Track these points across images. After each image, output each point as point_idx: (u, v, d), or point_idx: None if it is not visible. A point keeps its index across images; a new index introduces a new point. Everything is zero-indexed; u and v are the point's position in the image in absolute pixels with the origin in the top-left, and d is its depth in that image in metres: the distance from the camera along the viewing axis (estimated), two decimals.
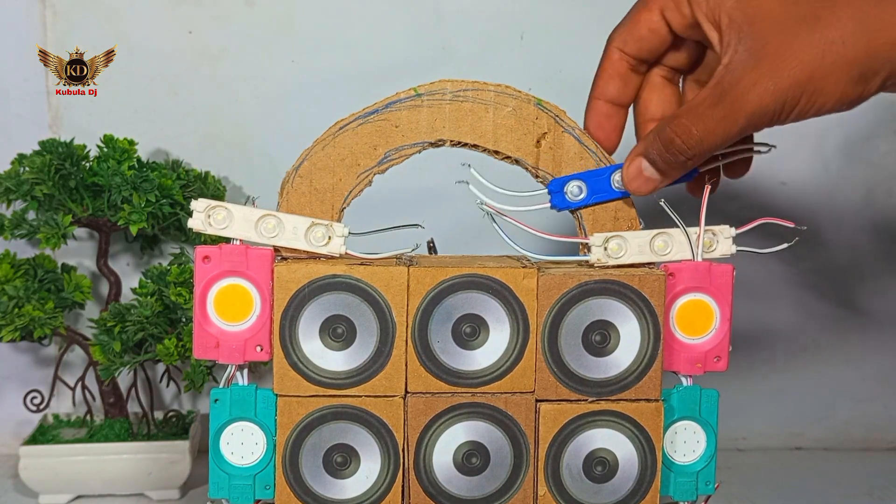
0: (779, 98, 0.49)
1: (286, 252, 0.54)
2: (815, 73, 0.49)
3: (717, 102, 0.50)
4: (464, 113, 0.55)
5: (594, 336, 0.54)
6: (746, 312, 1.05)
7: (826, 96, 0.49)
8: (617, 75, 0.56)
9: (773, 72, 0.49)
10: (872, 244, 1.07)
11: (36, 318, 0.84)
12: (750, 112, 0.50)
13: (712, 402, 0.57)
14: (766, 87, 0.49)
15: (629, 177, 0.55)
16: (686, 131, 0.51)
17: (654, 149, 0.53)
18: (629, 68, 0.57)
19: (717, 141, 0.51)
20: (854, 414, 1.10)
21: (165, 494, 0.90)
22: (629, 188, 0.55)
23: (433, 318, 0.53)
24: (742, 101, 0.49)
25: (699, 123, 0.51)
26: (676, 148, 0.52)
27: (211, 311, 0.53)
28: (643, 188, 0.55)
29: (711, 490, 0.57)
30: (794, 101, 0.49)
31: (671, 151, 0.52)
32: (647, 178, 0.54)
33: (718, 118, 0.50)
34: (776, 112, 0.50)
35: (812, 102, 0.49)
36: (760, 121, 0.50)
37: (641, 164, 0.54)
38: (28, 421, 0.96)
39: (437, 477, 0.54)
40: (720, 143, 0.51)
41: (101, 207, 0.86)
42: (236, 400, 0.53)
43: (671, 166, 0.53)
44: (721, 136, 0.51)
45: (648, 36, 0.55)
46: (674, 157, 0.52)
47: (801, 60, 0.49)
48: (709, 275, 0.55)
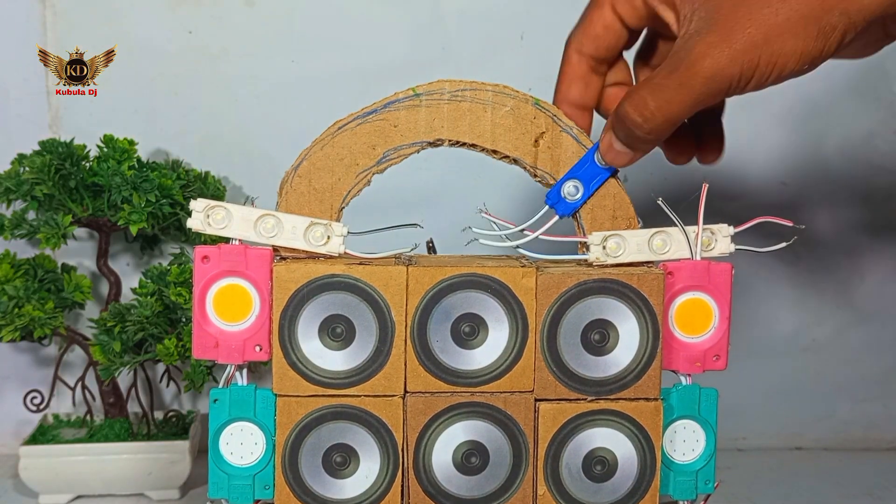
0: (735, 60, 0.48)
1: (285, 252, 0.54)
2: (771, 33, 0.48)
3: (672, 71, 0.50)
4: (462, 113, 0.55)
5: (593, 335, 0.54)
6: (746, 311, 1.05)
7: (786, 56, 0.49)
8: (578, 78, 0.56)
9: (728, 35, 0.48)
10: (872, 244, 1.07)
11: (36, 318, 0.84)
12: (706, 76, 0.49)
13: (711, 401, 0.57)
14: (722, 51, 0.48)
15: (603, 150, 0.54)
16: (642, 103, 0.51)
17: (617, 124, 0.53)
18: (589, 69, 0.56)
19: (675, 110, 0.50)
20: (854, 414, 1.10)
21: (165, 494, 0.90)
22: (606, 160, 0.55)
23: (432, 318, 0.53)
24: (697, 67, 0.49)
25: (655, 94, 0.50)
26: (632, 122, 0.51)
27: (210, 311, 0.53)
28: (618, 160, 0.54)
29: (711, 489, 0.57)
30: (752, 64, 0.49)
31: (628, 126, 0.52)
32: (618, 152, 0.54)
33: (674, 86, 0.50)
34: (735, 76, 0.49)
35: (772, 63, 0.49)
36: (719, 87, 0.49)
37: (611, 138, 0.54)
38: (28, 421, 0.96)
39: (436, 476, 0.54)
40: (678, 111, 0.51)
41: (101, 207, 0.86)
42: (235, 400, 0.53)
43: (635, 140, 0.53)
44: (678, 104, 0.50)
45: (603, 34, 0.55)
46: (632, 131, 0.52)
47: (756, 21, 0.48)
48: (707, 273, 0.55)
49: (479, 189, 1.00)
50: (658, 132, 0.52)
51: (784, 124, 1.04)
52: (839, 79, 1.04)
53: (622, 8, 0.54)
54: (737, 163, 1.04)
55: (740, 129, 1.03)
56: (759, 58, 0.48)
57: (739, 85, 0.49)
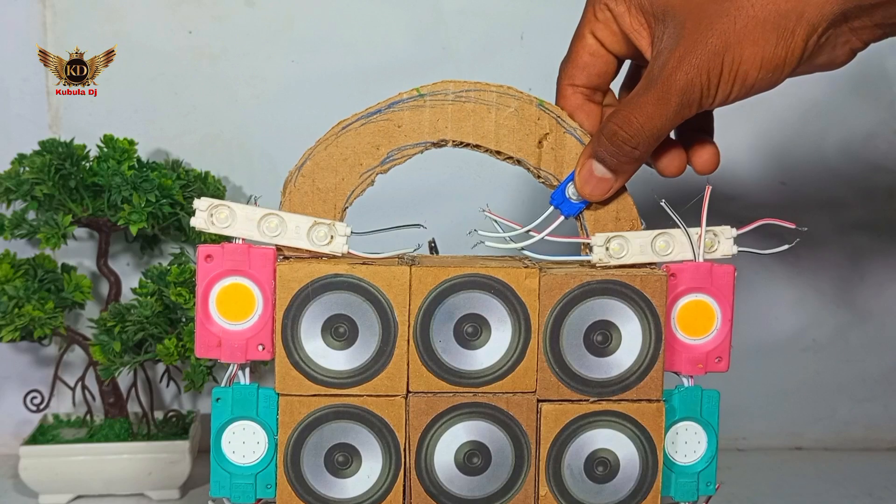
0: (702, 70, 0.50)
1: (288, 251, 0.54)
2: (730, 40, 0.49)
3: (649, 88, 0.51)
4: (466, 113, 0.55)
5: (596, 336, 0.54)
6: (746, 312, 1.05)
7: (747, 63, 0.49)
8: (577, 110, 0.57)
9: (694, 46, 0.49)
10: (872, 244, 1.07)
11: (36, 318, 0.84)
12: (680, 89, 0.50)
13: (713, 403, 0.57)
14: (690, 62, 0.50)
15: (582, 181, 0.55)
16: (626, 120, 0.52)
17: (601, 145, 0.53)
18: (585, 100, 0.57)
19: (658, 124, 0.52)
20: (854, 414, 1.10)
21: (165, 494, 0.90)
22: (583, 193, 0.55)
23: (435, 318, 0.53)
24: (670, 81, 0.50)
25: (637, 111, 0.52)
26: (621, 139, 0.52)
27: (213, 310, 0.53)
28: (597, 191, 0.55)
29: (712, 490, 0.57)
30: (716, 72, 0.50)
31: (617, 143, 0.53)
32: (600, 180, 0.54)
33: (653, 102, 0.51)
34: (703, 85, 0.50)
35: (734, 71, 0.50)
36: (692, 97, 0.50)
37: (592, 165, 0.54)
38: (28, 421, 0.96)
39: (438, 477, 0.54)
40: (660, 126, 0.52)
41: (101, 207, 0.86)
42: (238, 399, 0.53)
43: (621, 160, 0.53)
44: (660, 119, 0.51)
45: (591, 62, 0.57)
46: (620, 148, 0.53)
47: (717, 31, 0.49)
48: (710, 275, 0.55)
49: (482, 189, 1.00)
50: (645, 146, 0.53)
51: (784, 124, 1.04)
52: (839, 79, 1.04)
53: (602, 34, 0.56)
54: (737, 163, 1.04)
55: (741, 130, 1.03)
56: (722, 66, 0.50)
57: (710, 94, 0.51)
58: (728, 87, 0.50)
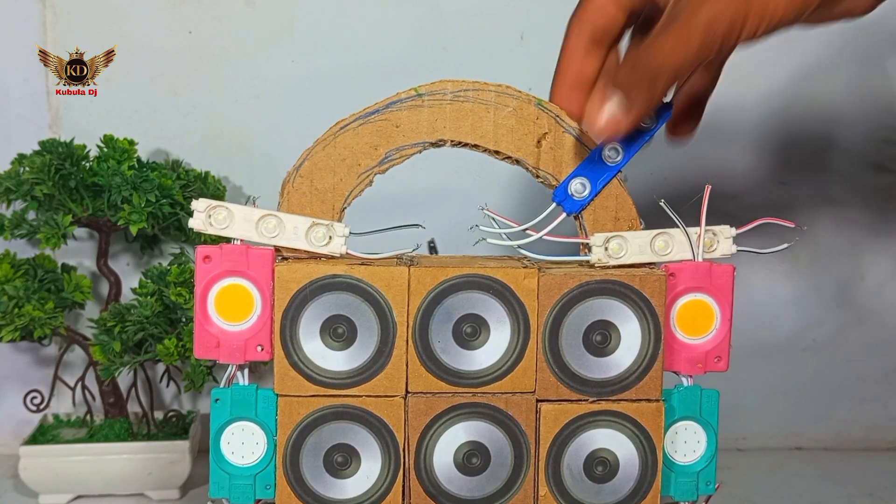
0: (726, 12, 0.49)
1: (287, 252, 0.54)
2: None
3: (670, 23, 0.50)
4: (464, 113, 0.55)
5: (595, 336, 0.54)
6: (746, 312, 1.05)
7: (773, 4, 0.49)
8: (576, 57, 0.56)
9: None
10: (872, 244, 1.07)
11: (36, 318, 0.84)
12: (703, 27, 0.49)
13: (713, 402, 0.57)
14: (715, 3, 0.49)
15: (591, 115, 0.53)
16: (648, 53, 0.51)
17: (620, 77, 0.52)
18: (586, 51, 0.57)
19: (678, 60, 0.50)
20: (854, 414, 1.10)
21: (165, 494, 0.90)
22: (594, 130, 0.53)
23: (434, 318, 0.53)
24: (694, 17, 0.49)
25: (658, 45, 0.50)
26: (641, 71, 0.51)
27: (211, 311, 0.53)
28: (609, 128, 0.53)
29: (712, 490, 0.57)
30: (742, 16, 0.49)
31: (637, 74, 0.51)
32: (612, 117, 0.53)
33: (674, 39, 0.50)
34: (726, 28, 0.49)
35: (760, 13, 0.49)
36: (714, 38, 0.49)
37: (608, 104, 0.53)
38: (28, 421, 0.96)
39: (437, 477, 0.54)
40: (681, 61, 0.50)
41: (101, 207, 0.86)
42: (237, 400, 0.53)
43: (639, 93, 0.52)
44: (681, 54, 0.50)
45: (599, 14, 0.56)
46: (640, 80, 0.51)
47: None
48: (709, 275, 0.55)
49: (481, 190, 1.00)
50: (664, 82, 0.52)
51: (784, 124, 1.04)
52: (839, 78, 1.04)
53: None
54: (737, 162, 1.04)
55: (740, 129, 1.03)
56: (749, 8, 0.49)
57: (732, 36, 0.50)
58: (755, 24, 0.50)
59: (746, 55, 1.02)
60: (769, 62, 1.02)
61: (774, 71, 1.03)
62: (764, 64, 1.02)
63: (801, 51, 1.02)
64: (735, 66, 1.02)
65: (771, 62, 1.02)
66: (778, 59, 1.02)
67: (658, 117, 0.55)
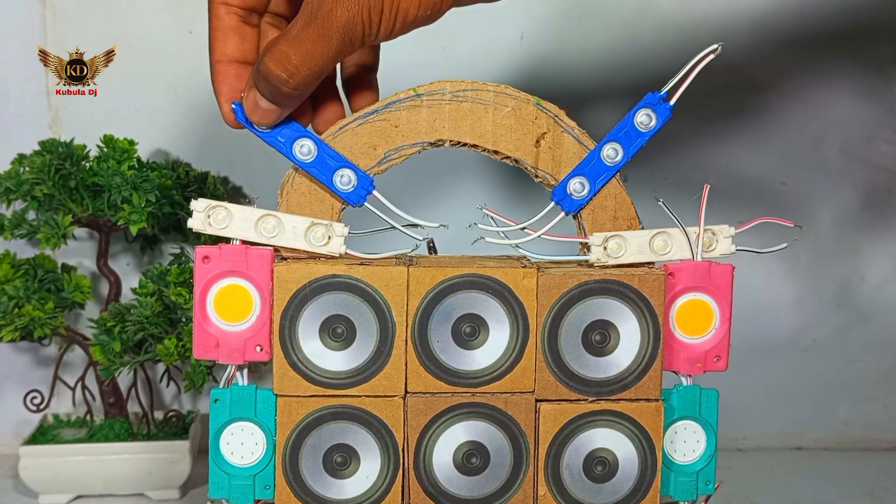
0: (363, 8, 0.48)
1: (286, 252, 0.54)
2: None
3: (309, 23, 0.49)
4: (463, 113, 0.55)
5: (594, 336, 0.54)
6: (746, 311, 1.05)
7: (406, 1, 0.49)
8: (231, 31, 0.54)
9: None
10: (872, 244, 1.07)
11: (36, 318, 0.84)
12: (341, 26, 0.49)
13: (712, 402, 0.57)
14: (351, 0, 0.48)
15: (249, 110, 0.52)
16: (284, 57, 0.50)
17: (260, 82, 0.51)
18: (240, 21, 0.55)
19: (319, 62, 0.50)
20: (854, 414, 1.10)
21: (165, 494, 0.90)
22: (252, 120, 0.53)
23: (433, 318, 0.53)
24: (331, 17, 0.49)
25: (295, 47, 0.49)
26: (277, 77, 0.50)
27: (211, 311, 0.53)
28: (265, 119, 0.52)
29: (711, 490, 0.57)
30: (378, 10, 0.49)
31: (273, 83, 0.50)
32: (266, 110, 0.52)
33: (313, 38, 0.49)
34: (365, 23, 0.49)
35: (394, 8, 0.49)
36: (354, 35, 0.49)
37: (255, 96, 0.52)
38: (28, 421, 0.96)
39: (437, 477, 0.54)
40: (322, 64, 0.50)
41: (101, 207, 0.86)
42: (236, 400, 0.53)
43: (281, 97, 0.51)
44: (321, 56, 0.49)
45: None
46: (278, 88, 0.50)
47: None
48: (708, 274, 0.55)
49: (480, 189, 1.00)
50: (304, 86, 0.51)
51: (784, 124, 1.04)
52: (839, 79, 1.04)
53: None
54: (737, 162, 1.04)
55: (740, 129, 1.03)
56: (383, 3, 0.49)
57: (371, 31, 0.49)
58: (389, 24, 0.49)
59: (746, 55, 1.02)
60: (769, 63, 1.02)
61: (775, 71, 1.03)
62: (764, 64, 1.02)
63: (802, 51, 1.02)
64: (736, 66, 1.02)
65: (771, 63, 1.02)
66: (778, 60, 1.02)
67: (659, 117, 0.55)
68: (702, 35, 1.00)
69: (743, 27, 1.01)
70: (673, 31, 1.00)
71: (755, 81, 1.03)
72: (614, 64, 1.01)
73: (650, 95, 0.55)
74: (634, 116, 0.55)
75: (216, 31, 0.55)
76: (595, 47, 1.00)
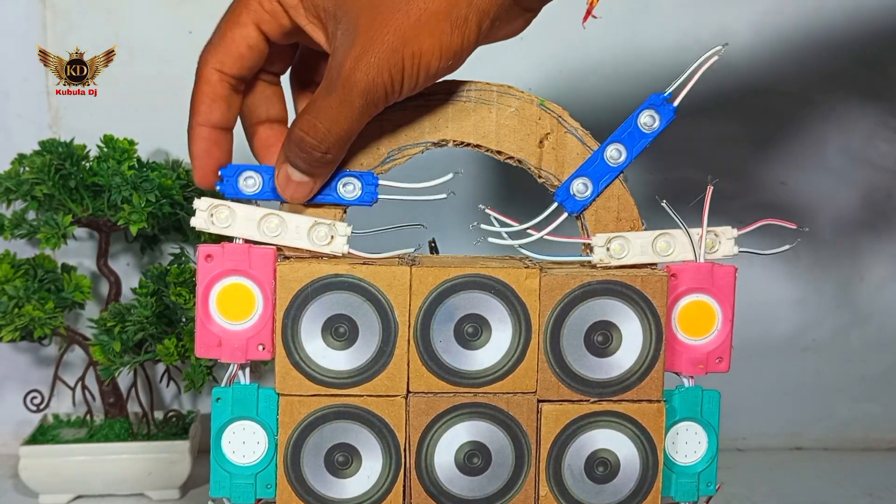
0: (382, 69, 0.48)
1: (289, 251, 0.54)
2: (408, 35, 0.48)
3: (330, 91, 0.49)
4: (467, 113, 0.55)
5: (596, 336, 0.54)
6: (746, 312, 1.05)
7: (427, 54, 0.49)
8: (220, 99, 0.54)
9: (370, 45, 0.48)
10: (872, 244, 1.07)
11: (36, 318, 0.84)
12: (362, 90, 0.49)
13: (714, 403, 0.57)
14: (369, 63, 0.48)
15: (282, 187, 0.53)
16: (312, 126, 0.50)
17: (291, 152, 0.51)
18: (231, 89, 0.54)
19: (345, 127, 0.50)
20: (854, 414, 1.10)
21: (165, 494, 0.90)
22: (285, 197, 0.53)
23: (435, 318, 0.53)
24: (351, 83, 0.49)
25: (321, 115, 0.50)
26: (309, 145, 0.50)
27: (213, 310, 0.53)
28: (298, 194, 0.53)
29: (713, 491, 0.57)
30: (399, 68, 0.49)
31: (306, 150, 0.51)
32: (299, 184, 0.52)
33: (336, 105, 0.49)
34: (387, 84, 0.49)
35: (416, 64, 0.49)
36: (376, 96, 0.49)
37: (288, 170, 0.52)
38: (28, 421, 0.96)
39: (438, 477, 0.54)
40: (348, 128, 0.50)
41: (101, 207, 0.86)
42: (238, 399, 0.53)
43: (314, 165, 0.52)
44: (346, 121, 0.50)
45: (248, 53, 0.53)
46: (310, 154, 0.51)
47: (392, 27, 0.48)
48: (711, 276, 0.55)
49: (483, 190, 1.00)
50: (336, 151, 0.51)
51: (784, 124, 1.04)
52: (839, 79, 1.04)
53: (269, 27, 0.53)
54: (736, 162, 1.04)
55: (741, 129, 1.03)
56: (403, 61, 0.49)
57: (395, 90, 0.50)
58: (413, 80, 0.50)
59: (746, 56, 1.02)
60: (769, 63, 1.02)
61: (775, 71, 1.03)
62: (764, 64, 1.02)
63: (802, 51, 1.02)
64: (736, 67, 1.02)
65: (771, 63, 1.02)
66: (778, 60, 1.02)
67: (662, 118, 0.55)
68: (703, 35, 1.00)
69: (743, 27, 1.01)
70: (674, 32, 1.00)
71: (756, 82, 1.03)
72: (617, 64, 1.01)
73: (654, 96, 0.55)
74: (638, 117, 0.55)
75: (204, 97, 0.54)
76: (596, 46, 1.00)
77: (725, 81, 1.01)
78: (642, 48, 1.00)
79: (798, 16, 1.02)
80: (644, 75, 0.99)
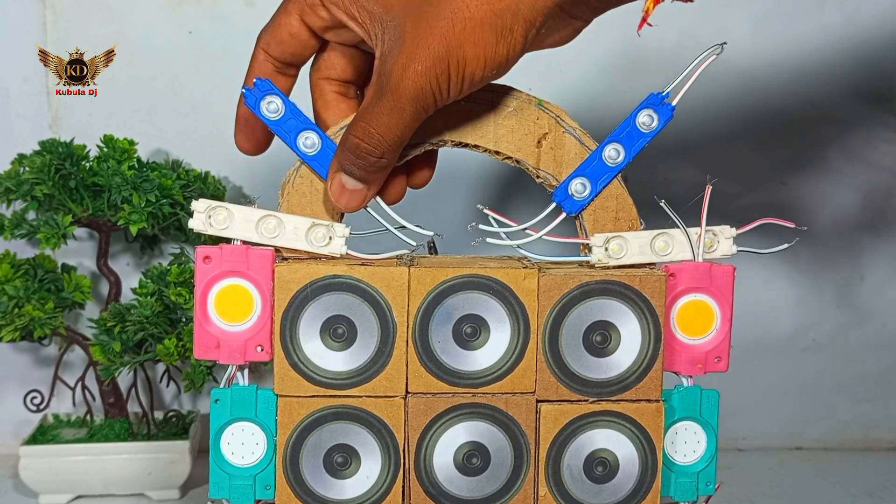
0: (430, 76, 0.49)
1: (287, 252, 0.54)
2: (452, 43, 0.48)
3: (381, 96, 0.50)
4: (465, 113, 0.55)
5: (595, 336, 0.54)
6: (746, 311, 1.05)
7: (472, 63, 0.49)
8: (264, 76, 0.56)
9: (417, 51, 0.49)
10: (872, 244, 1.07)
11: (36, 318, 0.84)
12: (411, 97, 0.49)
13: (713, 403, 0.57)
14: (416, 70, 0.49)
15: (335, 196, 0.53)
16: (366, 132, 0.51)
17: (346, 159, 0.52)
18: (275, 70, 0.56)
19: (397, 132, 0.51)
20: (854, 414, 1.10)
21: (165, 494, 0.90)
22: (339, 206, 0.54)
23: (434, 319, 0.53)
24: (400, 89, 0.49)
25: (374, 121, 0.51)
26: (364, 150, 0.51)
27: (211, 312, 0.53)
28: (353, 203, 0.54)
29: (712, 490, 0.57)
30: (444, 76, 0.49)
31: (361, 156, 0.52)
32: (353, 192, 0.53)
33: (387, 112, 0.50)
34: (434, 90, 0.50)
35: (460, 72, 0.49)
36: (426, 102, 0.50)
37: (342, 179, 0.53)
38: (28, 421, 0.96)
39: (437, 477, 0.54)
40: (401, 133, 0.51)
41: (101, 207, 0.86)
42: (237, 400, 0.53)
43: (369, 171, 0.52)
44: (398, 127, 0.51)
45: (289, 40, 0.55)
46: (366, 159, 0.52)
47: (437, 35, 0.49)
48: (709, 275, 0.55)
49: (481, 190, 1.00)
50: (390, 155, 0.52)
51: (784, 124, 1.04)
52: (839, 79, 1.04)
53: (310, 19, 0.54)
54: (736, 162, 1.04)
55: (740, 130, 1.03)
56: (448, 69, 0.49)
57: (441, 97, 0.50)
58: (458, 87, 0.50)
59: (747, 56, 1.02)
60: (769, 63, 1.02)
61: (774, 71, 1.03)
62: (764, 65, 1.02)
63: (802, 51, 1.02)
64: (736, 67, 1.02)
65: (771, 63, 1.02)
66: (778, 60, 1.02)
67: (661, 118, 0.55)
68: (703, 35, 1.00)
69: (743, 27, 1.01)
70: (674, 31, 1.00)
71: (756, 82, 1.03)
72: (616, 64, 1.01)
73: (652, 96, 0.55)
74: (636, 117, 0.55)
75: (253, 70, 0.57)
76: (597, 46, 1.00)
77: (725, 81, 1.01)
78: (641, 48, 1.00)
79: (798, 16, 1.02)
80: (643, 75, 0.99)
